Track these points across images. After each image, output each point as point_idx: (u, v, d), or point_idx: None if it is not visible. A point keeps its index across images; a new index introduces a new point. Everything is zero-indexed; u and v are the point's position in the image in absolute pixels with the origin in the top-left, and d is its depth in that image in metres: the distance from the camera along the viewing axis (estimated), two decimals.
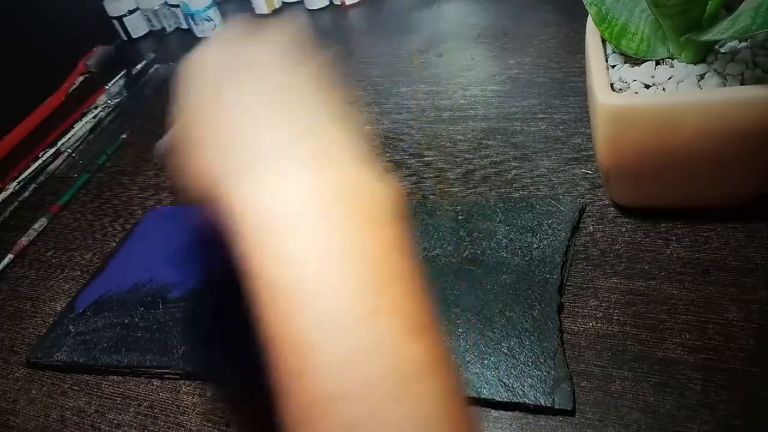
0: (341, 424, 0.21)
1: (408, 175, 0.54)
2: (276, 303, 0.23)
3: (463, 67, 0.68)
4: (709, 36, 0.34)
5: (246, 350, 0.30)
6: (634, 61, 0.40)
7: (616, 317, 0.38)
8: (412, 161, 0.56)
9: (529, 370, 0.36)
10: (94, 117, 0.79)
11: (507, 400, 0.35)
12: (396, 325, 0.22)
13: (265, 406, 0.24)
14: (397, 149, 0.58)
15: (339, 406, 0.21)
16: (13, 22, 0.84)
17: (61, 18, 0.90)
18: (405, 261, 0.24)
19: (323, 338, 0.22)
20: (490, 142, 0.55)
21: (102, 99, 0.82)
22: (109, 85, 0.84)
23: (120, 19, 0.96)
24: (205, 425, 0.39)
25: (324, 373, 0.21)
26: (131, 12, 0.96)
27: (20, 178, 0.70)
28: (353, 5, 0.89)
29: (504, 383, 0.35)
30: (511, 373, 0.36)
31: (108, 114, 0.79)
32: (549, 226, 0.44)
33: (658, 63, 0.40)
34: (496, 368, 0.36)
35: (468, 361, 0.37)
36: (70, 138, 0.76)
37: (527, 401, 0.34)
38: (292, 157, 0.25)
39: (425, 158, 0.56)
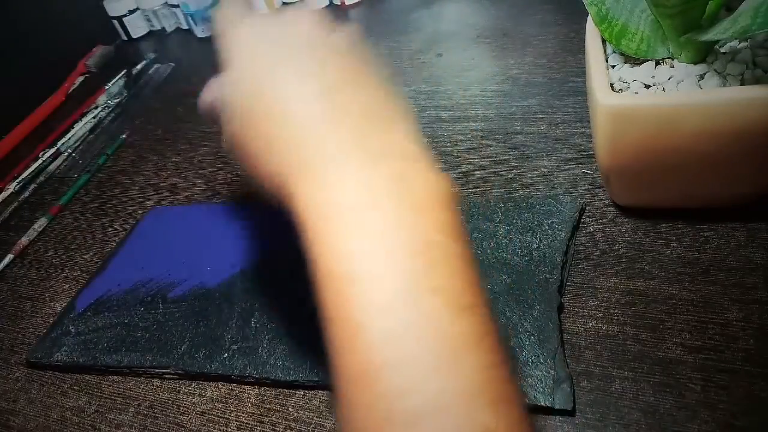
0: (387, 393, 0.22)
1: None
2: (332, 287, 0.25)
3: (463, 67, 0.68)
4: (709, 36, 0.34)
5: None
6: (634, 61, 0.40)
7: (616, 317, 0.38)
8: None
9: (529, 369, 0.36)
10: (94, 117, 0.79)
11: None
12: (443, 303, 0.23)
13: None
14: None
15: (385, 376, 0.22)
16: (13, 22, 0.84)
17: (61, 18, 0.90)
18: (454, 244, 0.25)
19: (373, 315, 0.23)
20: (489, 142, 0.55)
21: (102, 99, 0.82)
22: (109, 85, 0.84)
23: (120, 19, 0.96)
24: (205, 425, 0.39)
25: (372, 346, 0.23)
26: (131, 12, 0.96)
27: (20, 178, 0.70)
28: (353, 5, 0.89)
29: None
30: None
31: (108, 114, 0.79)
32: (549, 226, 0.44)
33: (658, 63, 0.40)
34: None
35: None
36: (70, 138, 0.76)
37: (527, 401, 0.34)
38: (346, 151, 0.27)
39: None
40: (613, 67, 0.41)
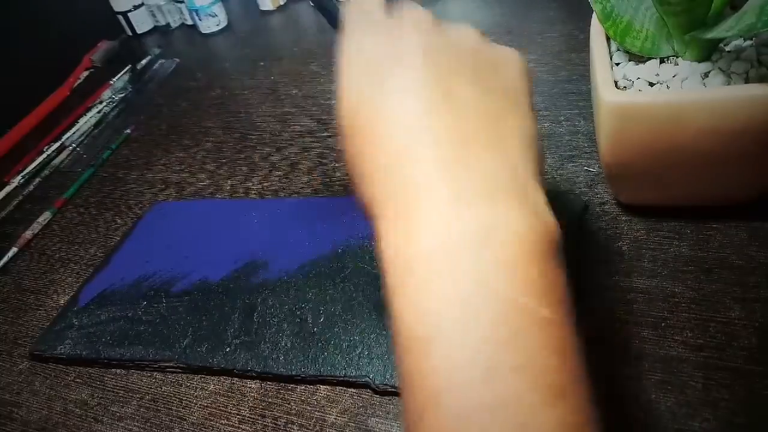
0: None
1: None
2: (410, 350, 0.22)
3: None
4: (714, 34, 0.34)
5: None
6: (638, 58, 0.40)
7: (617, 315, 0.38)
8: None
9: None
10: (98, 112, 0.79)
11: None
12: (527, 385, 0.20)
13: None
14: None
15: None
16: (19, 17, 0.84)
17: (67, 13, 0.91)
18: (547, 309, 0.22)
19: (449, 391, 0.20)
20: None
21: (107, 94, 0.82)
22: (114, 80, 0.85)
23: (125, 14, 0.96)
24: (207, 419, 0.39)
25: (445, 427, 0.20)
26: (136, 7, 0.96)
27: (25, 172, 0.70)
28: None
29: None
30: None
31: (112, 109, 0.79)
32: None
33: (662, 61, 0.40)
34: None
35: None
36: (74, 132, 0.76)
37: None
38: (441, 183, 0.23)
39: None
40: (618, 64, 0.41)
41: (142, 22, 0.97)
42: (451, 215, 0.23)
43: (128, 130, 0.74)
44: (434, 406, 0.20)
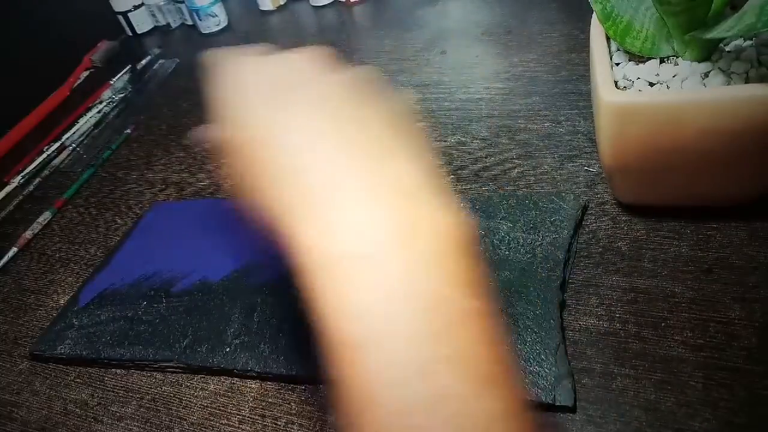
0: None
1: None
2: (338, 350, 0.22)
3: (467, 64, 0.68)
4: (714, 34, 0.34)
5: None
6: (638, 58, 0.40)
7: (617, 315, 0.38)
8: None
9: (531, 366, 0.36)
10: (98, 112, 0.79)
11: None
12: (464, 374, 0.20)
13: None
14: None
15: None
16: (19, 17, 0.84)
17: (67, 13, 0.91)
18: (471, 300, 0.22)
19: (384, 388, 0.21)
20: (493, 140, 0.55)
21: (107, 94, 0.82)
22: (114, 80, 0.85)
23: (125, 14, 0.96)
24: (207, 419, 0.39)
25: (384, 423, 0.20)
26: (136, 7, 0.96)
27: (25, 172, 0.70)
28: (357, 2, 0.89)
29: None
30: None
31: (112, 109, 0.79)
32: (552, 223, 0.44)
33: (662, 61, 0.40)
34: None
35: None
36: (74, 132, 0.76)
37: (528, 397, 0.34)
38: (351, 189, 0.24)
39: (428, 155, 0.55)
40: (618, 64, 0.41)
41: (142, 22, 0.97)
42: (371, 213, 0.23)
43: (128, 130, 0.74)
44: (372, 405, 0.21)
